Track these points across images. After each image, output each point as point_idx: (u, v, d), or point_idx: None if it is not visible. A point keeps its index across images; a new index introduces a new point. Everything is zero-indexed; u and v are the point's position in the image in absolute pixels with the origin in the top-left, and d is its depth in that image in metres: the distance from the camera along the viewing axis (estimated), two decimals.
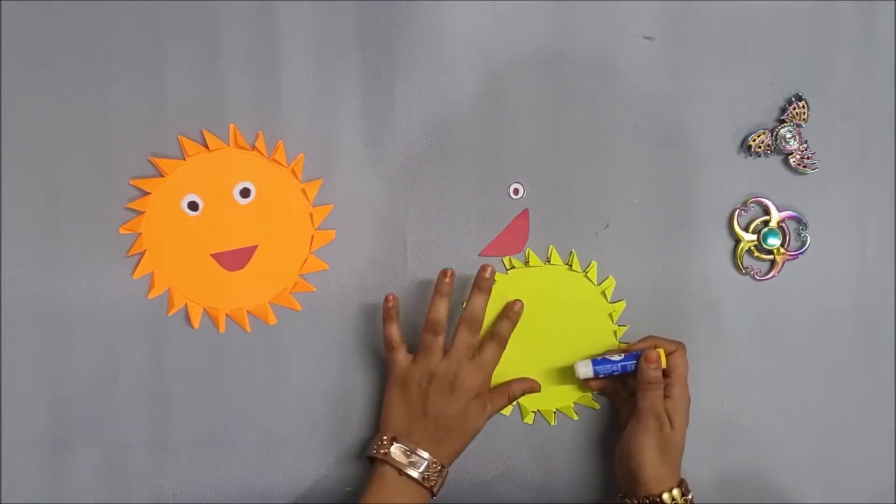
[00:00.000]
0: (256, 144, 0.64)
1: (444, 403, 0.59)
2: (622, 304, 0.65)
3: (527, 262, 0.65)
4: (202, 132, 0.63)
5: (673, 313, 0.66)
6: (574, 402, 0.65)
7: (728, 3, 0.65)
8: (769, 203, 0.65)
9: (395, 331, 0.62)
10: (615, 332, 0.65)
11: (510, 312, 0.63)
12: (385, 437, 0.59)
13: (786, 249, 0.66)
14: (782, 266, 0.66)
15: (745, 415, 0.66)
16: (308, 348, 0.65)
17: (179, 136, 0.63)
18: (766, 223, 0.66)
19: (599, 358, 0.61)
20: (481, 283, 0.62)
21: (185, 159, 0.64)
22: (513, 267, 0.65)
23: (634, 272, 0.66)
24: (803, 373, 0.66)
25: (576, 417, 0.66)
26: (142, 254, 0.64)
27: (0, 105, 0.63)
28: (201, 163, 0.64)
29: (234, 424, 0.65)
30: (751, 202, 0.66)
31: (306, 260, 0.65)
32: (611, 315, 0.65)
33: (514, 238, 0.65)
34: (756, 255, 0.66)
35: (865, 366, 0.67)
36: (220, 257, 0.64)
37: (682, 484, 0.59)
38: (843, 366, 0.67)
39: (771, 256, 0.66)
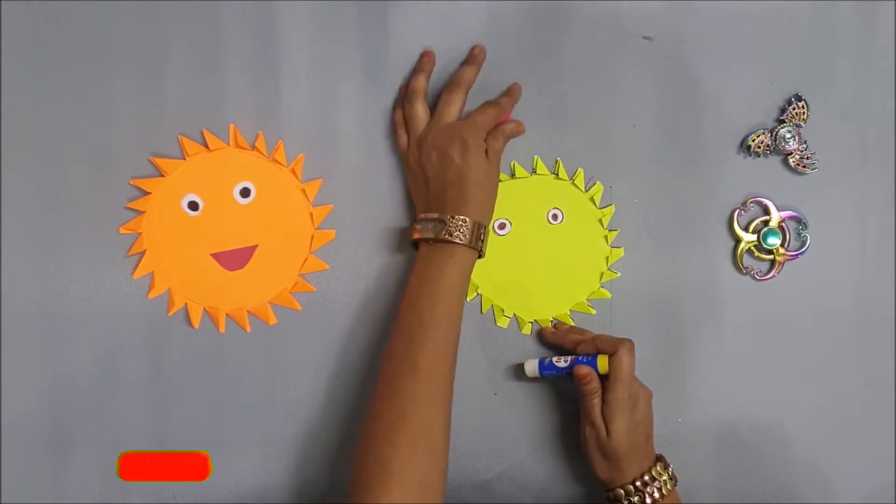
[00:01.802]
0: (256, 144, 0.64)
1: (439, 162, 0.60)
2: (611, 209, 0.65)
3: (513, 175, 0.65)
4: (202, 132, 0.63)
5: (673, 313, 0.66)
6: (570, 310, 0.66)
7: (728, 3, 0.65)
8: (769, 203, 0.65)
9: (414, 98, 0.63)
10: (606, 237, 0.65)
11: (471, 57, 0.64)
12: (414, 220, 0.60)
13: (786, 249, 0.66)
14: (782, 266, 0.66)
15: (745, 415, 0.66)
16: (308, 348, 0.65)
17: (179, 136, 0.63)
18: (766, 223, 0.66)
19: (546, 362, 0.62)
20: (471, 58, 0.64)
21: (185, 159, 0.64)
22: (500, 180, 0.65)
23: (635, 272, 0.66)
24: (803, 373, 0.66)
25: (572, 324, 0.66)
26: (142, 253, 0.64)
27: (0, 105, 0.63)
28: (201, 163, 0.64)
29: (234, 424, 0.65)
30: (751, 202, 0.66)
31: (306, 260, 0.65)
32: (601, 220, 0.65)
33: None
34: (756, 254, 0.66)
35: (865, 366, 0.67)
36: (220, 257, 0.64)
37: (634, 482, 0.58)
38: (843, 366, 0.67)
39: (771, 256, 0.66)
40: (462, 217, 0.58)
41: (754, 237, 0.65)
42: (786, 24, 0.66)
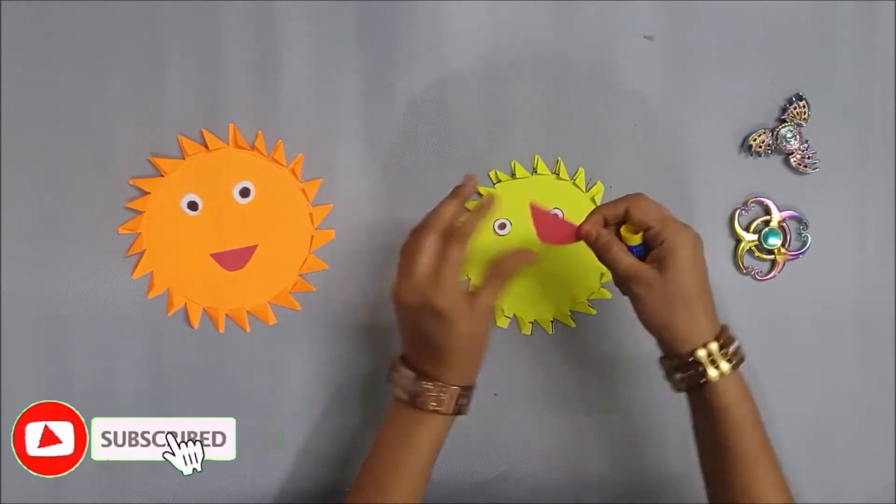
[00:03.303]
0: (256, 144, 0.64)
1: (412, 330, 0.52)
2: None
3: (513, 175, 0.65)
4: (202, 132, 0.63)
5: None
6: (570, 310, 0.66)
7: (728, 3, 0.65)
8: (770, 203, 0.65)
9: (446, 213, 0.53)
10: None
11: (480, 206, 0.54)
12: (391, 362, 0.54)
13: (786, 249, 0.66)
14: (783, 266, 0.66)
15: None
16: (308, 348, 0.65)
17: (179, 136, 0.63)
18: (766, 223, 0.66)
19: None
20: (456, 190, 0.54)
21: (184, 159, 0.64)
22: (500, 180, 0.65)
23: None
24: (803, 373, 0.66)
25: (573, 324, 0.66)
26: (141, 253, 0.64)
27: (0, 105, 0.63)
28: (201, 162, 0.64)
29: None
30: (751, 202, 0.66)
31: (306, 260, 0.65)
32: None
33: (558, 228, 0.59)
34: (757, 254, 0.66)
35: (865, 366, 0.67)
36: (219, 257, 0.64)
37: (720, 335, 0.51)
38: (843, 366, 0.67)
39: (772, 256, 0.66)
40: (441, 383, 0.51)
41: (755, 237, 0.65)
42: (786, 24, 0.66)
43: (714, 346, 0.51)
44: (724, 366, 0.51)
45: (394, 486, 0.52)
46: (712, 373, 0.50)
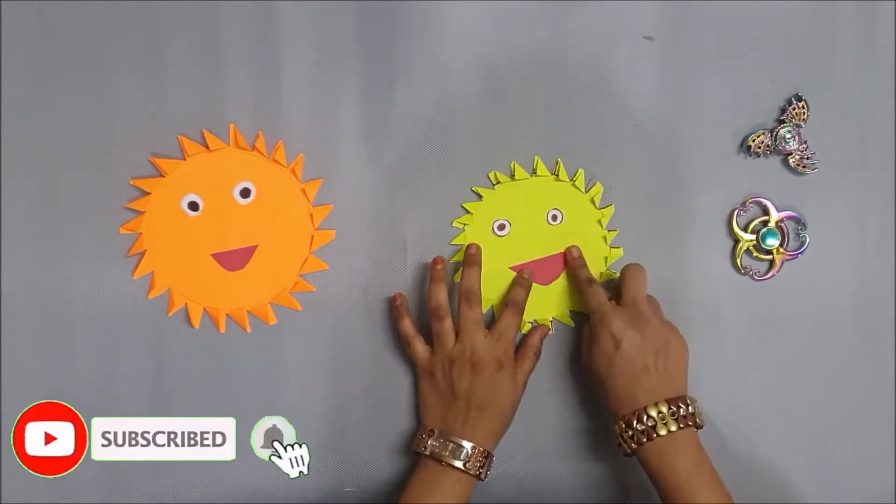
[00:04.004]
0: (256, 144, 0.64)
1: (470, 383, 0.59)
2: (611, 210, 0.65)
3: (513, 176, 0.65)
4: (202, 132, 0.63)
5: (672, 313, 0.66)
6: (570, 310, 0.66)
7: (728, 3, 0.65)
8: (768, 203, 0.65)
9: (408, 325, 0.63)
10: (605, 238, 0.65)
11: (521, 279, 0.64)
12: (424, 432, 0.60)
13: (785, 249, 0.66)
14: (781, 266, 0.66)
15: (745, 415, 0.66)
16: (308, 348, 0.65)
17: (179, 136, 0.63)
18: (765, 223, 0.66)
19: None
20: (469, 259, 0.63)
21: (185, 159, 0.64)
22: (499, 182, 0.65)
23: None
24: (803, 373, 0.66)
25: (572, 324, 0.66)
26: (142, 254, 0.64)
27: (0, 105, 0.63)
28: (201, 163, 0.64)
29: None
30: (750, 202, 0.66)
31: (306, 260, 0.65)
32: (600, 221, 0.65)
33: (548, 268, 0.66)
34: (755, 255, 0.66)
35: (865, 366, 0.67)
36: (220, 257, 0.64)
37: (629, 417, 0.56)
38: (843, 366, 0.67)
39: (770, 256, 0.66)
40: (480, 448, 0.58)
41: (753, 237, 0.65)
42: (786, 24, 0.66)
43: (621, 423, 0.57)
44: (632, 444, 0.56)
45: None
46: (625, 448, 0.57)
